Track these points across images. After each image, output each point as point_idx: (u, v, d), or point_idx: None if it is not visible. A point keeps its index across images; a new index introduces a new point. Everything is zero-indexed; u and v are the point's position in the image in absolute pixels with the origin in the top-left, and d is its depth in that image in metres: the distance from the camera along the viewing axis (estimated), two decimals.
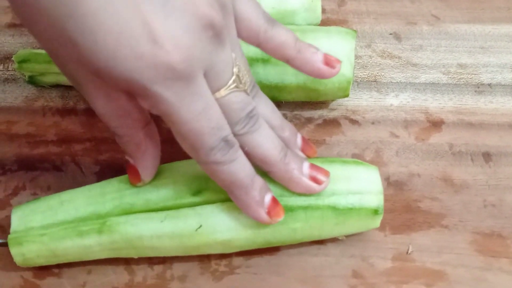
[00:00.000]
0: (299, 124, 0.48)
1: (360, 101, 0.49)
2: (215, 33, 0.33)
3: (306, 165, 0.39)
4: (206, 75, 0.34)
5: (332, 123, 0.48)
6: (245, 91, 0.36)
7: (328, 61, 0.41)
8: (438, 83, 0.50)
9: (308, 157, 0.42)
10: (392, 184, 0.45)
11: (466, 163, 0.46)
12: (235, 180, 0.37)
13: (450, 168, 0.46)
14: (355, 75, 0.50)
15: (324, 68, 0.41)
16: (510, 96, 0.49)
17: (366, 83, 0.50)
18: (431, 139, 0.47)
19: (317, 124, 0.48)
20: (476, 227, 0.43)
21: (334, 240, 0.43)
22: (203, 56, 0.33)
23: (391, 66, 0.51)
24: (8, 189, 0.45)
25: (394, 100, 0.49)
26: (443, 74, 0.51)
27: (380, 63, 0.51)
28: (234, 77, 0.35)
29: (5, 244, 0.39)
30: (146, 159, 0.39)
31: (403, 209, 0.44)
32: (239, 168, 0.37)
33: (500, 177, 0.45)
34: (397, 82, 0.50)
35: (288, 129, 0.41)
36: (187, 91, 0.33)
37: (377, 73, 0.51)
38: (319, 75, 0.41)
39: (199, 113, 0.34)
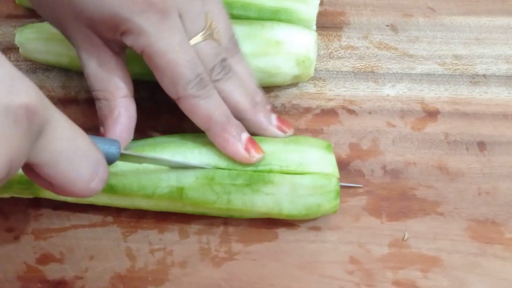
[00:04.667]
0: (297, 114, 0.49)
1: (357, 91, 0.50)
2: None
3: (273, 117, 0.43)
4: (181, 18, 0.38)
5: (330, 113, 0.49)
6: (217, 41, 0.40)
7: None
8: (434, 74, 0.51)
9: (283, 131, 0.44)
10: (388, 173, 0.46)
11: (461, 152, 0.47)
12: (211, 115, 0.39)
13: (445, 157, 0.47)
14: (352, 65, 0.51)
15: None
16: (504, 86, 0.50)
17: (363, 73, 0.51)
18: (427, 129, 0.48)
19: (315, 114, 0.49)
20: (470, 214, 0.44)
21: (331, 227, 0.44)
22: None
23: (388, 57, 0.52)
24: None
25: (391, 91, 0.50)
26: (439, 65, 0.51)
27: (377, 54, 0.52)
28: (207, 27, 0.39)
29: None
30: (115, 128, 0.40)
31: (399, 197, 0.45)
32: (216, 105, 0.40)
33: (494, 165, 0.46)
34: (394, 73, 0.51)
35: (260, 96, 0.43)
36: (164, 25, 0.37)
37: (374, 64, 0.51)
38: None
39: (176, 45, 0.38)
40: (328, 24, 0.54)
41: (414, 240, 0.43)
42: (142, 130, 0.47)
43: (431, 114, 0.49)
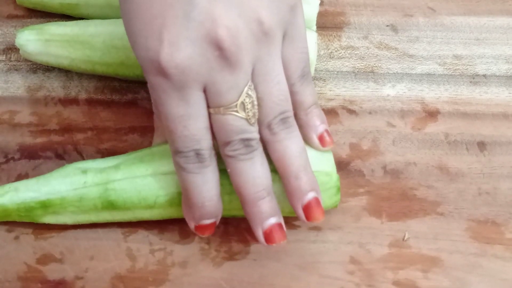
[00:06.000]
0: None
1: (357, 91, 0.50)
2: (222, 55, 0.35)
3: (272, 220, 0.39)
4: (206, 90, 0.36)
5: (330, 113, 0.49)
6: (247, 120, 0.37)
7: (321, 138, 0.41)
8: (434, 74, 0.51)
9: None
10: (388, 173, 0.46)
11: (461, 152, 0.47)
12: (188, 191, 0.38)
13: (445, 157, 0.47)
14: (352, 66, 0.51)
15: (315, 141, 0.41)
16: (504, 86, 0.50)
17: (363, 74, 0.51)
18: (427, 129, 0.48)
19: None
20: (471, 214, 0.44)
21: (332, 227, 0.44)
22: (202, 71, 0.35)
23: (388, 57, 0.52)
24: (11, 177, 0.46)
25: (391, 91, 0.50)
26: (439, 65, 0.51)
27: (377, 54, 0.52)
28: (238, 103, 0.36)
29: None
30: None
31: (399, 197, 0.45)
32: (199, 185, 0.38)
33: (495, 165, 0.46)
34: (394, 73, 0.51)
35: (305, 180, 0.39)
36: (175, 94, 0.35)
37: (374, 64, 0.51)
38: (308, 143, 0.41)
39: (177, 117, 0.36)
40: (328, 24, 0.54)
41: (414, 240, 0.43)
42: (142, 131, 0.47)
43: (431, 114, 0.49)
